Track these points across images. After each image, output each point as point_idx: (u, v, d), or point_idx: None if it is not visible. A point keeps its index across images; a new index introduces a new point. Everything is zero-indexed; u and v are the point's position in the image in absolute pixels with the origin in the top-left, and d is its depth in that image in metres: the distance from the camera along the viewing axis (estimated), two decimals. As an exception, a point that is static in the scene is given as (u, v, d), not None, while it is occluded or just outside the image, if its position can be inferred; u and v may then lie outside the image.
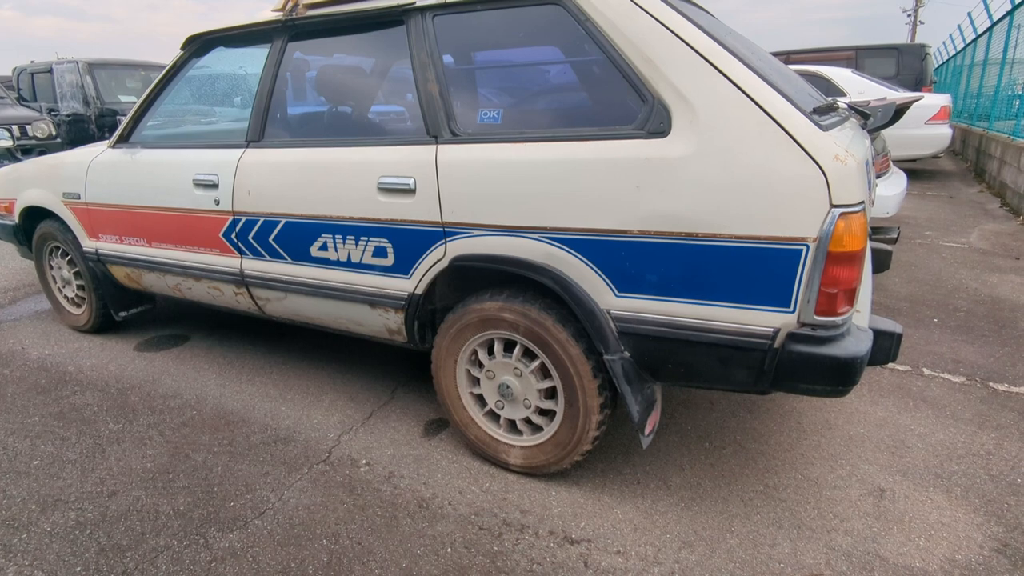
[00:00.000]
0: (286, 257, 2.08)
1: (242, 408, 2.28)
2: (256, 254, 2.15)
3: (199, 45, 2.37)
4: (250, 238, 2.14)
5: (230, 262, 2.23)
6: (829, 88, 7.33)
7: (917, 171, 8.26)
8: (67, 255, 2.91)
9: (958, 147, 10.97)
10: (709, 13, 2.10)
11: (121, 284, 2.76)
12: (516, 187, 1.58)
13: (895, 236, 2.75)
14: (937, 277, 3.69)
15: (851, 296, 1.35)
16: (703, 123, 1.38)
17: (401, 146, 1.79)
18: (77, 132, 8.45)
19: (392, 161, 1.78)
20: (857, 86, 7.30)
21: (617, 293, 1.52)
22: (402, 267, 1.83)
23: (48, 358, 2.75)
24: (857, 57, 9.98)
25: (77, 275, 2.92)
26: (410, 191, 1.74)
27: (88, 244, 2.70)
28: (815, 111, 1.52)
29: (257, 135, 2.12)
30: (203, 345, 2.88)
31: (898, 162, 7.56)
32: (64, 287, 3.03)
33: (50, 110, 9.03)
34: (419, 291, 1.82)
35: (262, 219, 2.07)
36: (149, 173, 2.38)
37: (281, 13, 2.09)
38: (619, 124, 1.51)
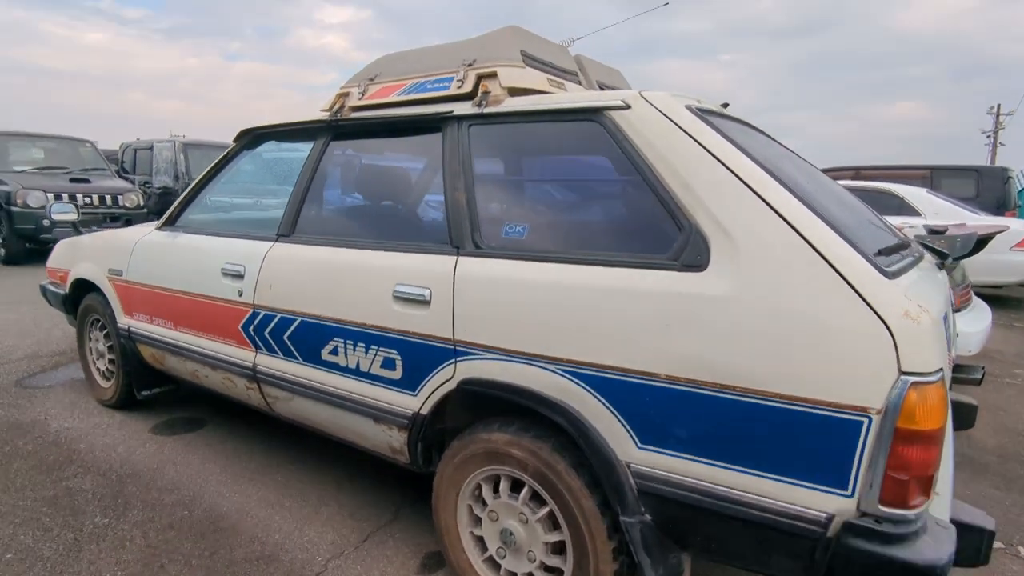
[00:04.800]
0: (298, 357, 1.98)
1: (235, 512, 2.12)
2: (270, 350, 2.06)
3: (251, 139, 2.43)
4: (266, 333, 2.06)
5: (245, 355, 2.16)
6: (902, 207, 7.03)
7: (1002, 299, 7.66)
8: (105, 329, 2.94)
9: (1049, 275, 10.21)
10: (761, 131, 1.98)
11: (147, 363, 2.74)
12: (533, 310, 1.44)
13: (980, 377, 2.41)
14: (1032, 428, 3.22)
15: (926, 484, 1.09)
16: (745, 259, 1.21)
17: (422, 254, 1.70)
18: (165, 204, 9.07)
19: (410, 269, 1.68)
20: (932, 206, 6.98)
21: (639, 444, 1.31)
22: (409, 383, 1.69)
23: (65, 432, 2.71)
24: (933, 176, 9.63)
25: (111, 349, 2.94)
26: (424, 303, 1.62)
27: (122, 321, 2.72)
28: (881, 252, 1.33)
29: (288, 229, 2.09)
30: (217, 433, 2.78)
31: (980, 290, 7.05)
32: (98, 360, 3.05)
33: (144, 183, 9.81)
34: (425, 411, 1.66)
35: (280, 315, 2.00)
36: (184, 257, 2.39)
37: (328, 113, 2.12)
38: (652, 252, 1.36)
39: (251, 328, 2.11)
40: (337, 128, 2.10)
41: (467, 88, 1.78)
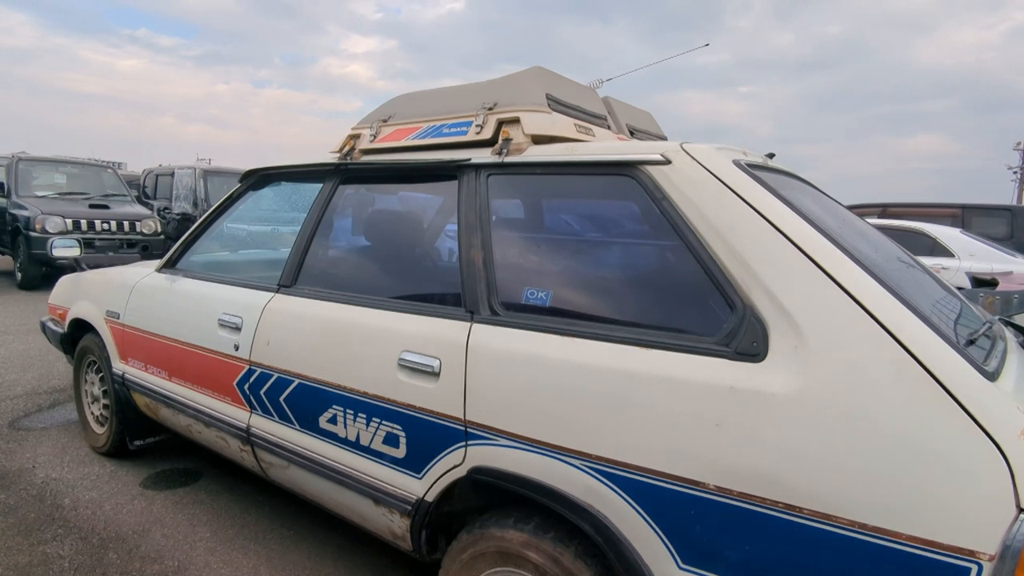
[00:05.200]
0: (294, 422, 1.80)
1: (221, 589, 1.93)
2: (265, 412, 1.89)
3: (257, 179, 2.30)
4: (262, 393, 1.89)
5: (239, 415, 1.98)
6: (934, 247, 6.76)
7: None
8: (101, 372, 2.80)
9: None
10: (810, 184, 1.79)
11: (141, 412, 2.57)
12: (557, 393, 1.25)
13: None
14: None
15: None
16: (813, 352, 1.01)
17: (432, 317, 1.52)
18: (183, 230, 9.08)
19: (418, 334, 1.51)
20: (967, 248, 6.69)
21: (680, 564, 1.10)
22: (414, 463, 1.50)
23: (51, 484, 2.55)
24: (964, 215, 9.31)
25: (105, 394, 2.79)
26: (433, 375, 1.44)
27: (118, 366, 2.57)
28: (971, 340, 1.12)
29: (290, 279, 1.93)
30: (211, 488, 2.60)
31: None
32: (93, 404, 2.90)
33: (164, 208, 9.85)
34: (430, 498, 1.46)
35: (276, 375, 1.83)
36: (182, 304, 2.24)
37: (338, 155, 1.98)
38: (698, 333, 1.17)
39: (246, 386, 1.94)
40: (346, 172, 1.95)
41: (487, 134, 1.62)
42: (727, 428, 1.05)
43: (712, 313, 1.16)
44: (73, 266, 3.13)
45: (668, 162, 1.30)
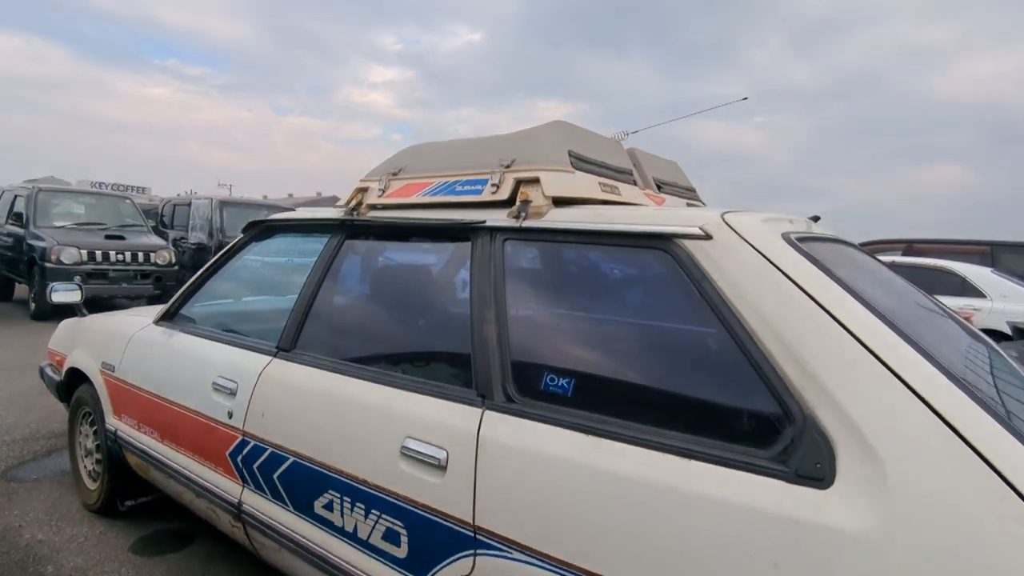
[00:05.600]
0: (288, 503, 1.64)
1: None
2: (258, 488, 1.73)
3: (259, 231, 2.18)
4: (255, 467, 1.73)
5: (231, 488, 1.83)
6: (964, 287, 6.51)
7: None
8: (95, 425, 2.67)
9: None
10: (855, 246, 1.63)
11: (133, 471, 2.43)
12: (580, 506, 1.08)
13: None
14: None
15: None
16: (893, 481, 0.84)
17: (440, 400, 1.36)
18: (199, 260, 9.08)
19: (424, 419, 1.35)
20: (999, 288, 6.42)
21: None
22: (415, 566, 1.32)
23: (36, 547, 2.39)
24: (993, 252, 9.01)
25: (99, 448, 2.65)
26: (439, 468, 1.28)
27: (111, 421, 2.44)
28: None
29: (289, 343, 1.80)
30: (203, 553, 2.43)
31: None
32: (86, 457, 2.76)
33: (180, 238, 9.88)
34: None
35: (270, 449, 1.67)
36: (177, 362, 2.11)
37: (344, 209, 1.86)
38: (748, 443, 1.00)
39: (239, 458, 1.79)
40: (352, 228, 1.82)
41: (503, 194, 1.48)
42: (786, 570, 0.87)
43: (764, 422, 0.99)
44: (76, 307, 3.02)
45: (708, 237, 1.14)
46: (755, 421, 1.01)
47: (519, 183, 1.48)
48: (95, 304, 7.62)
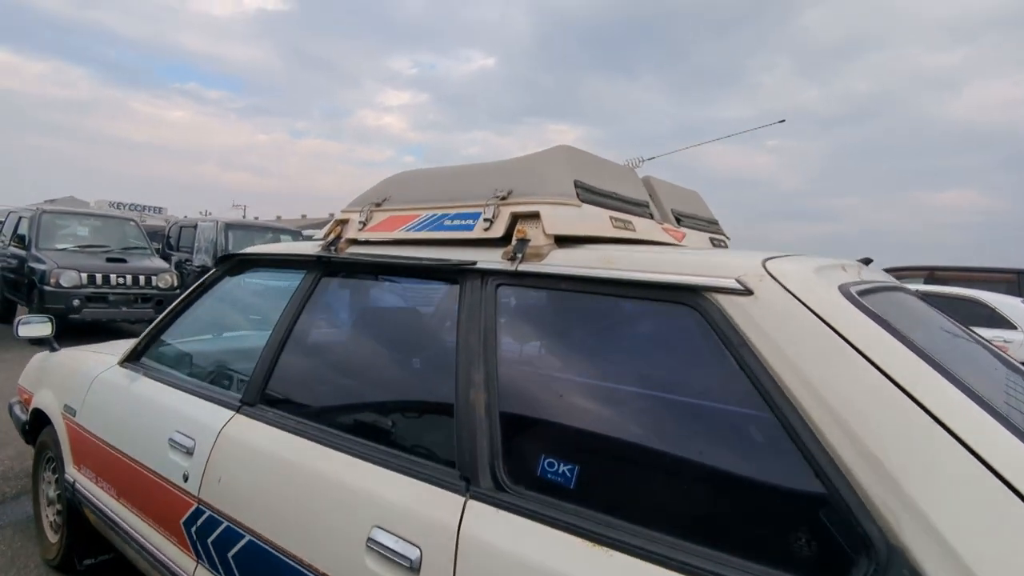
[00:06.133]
0: (243, 589, 1.40)
1: None
2: (212, 566, 1.49)
3: (232, 265, 1.97)
4: (209, 542, 1.49)
5: (184, 563, 1.58)
6: (992, 318, 6.19)
7: None
8: (58, 472, 2.44)
9: None
10: (909, 291, 1.39)
11: (92, 527, 2.20)
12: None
13: None
14: None
15: None
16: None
17: (416, 481, 1.12)
18: (203, 282, 8.94)
19: (395, 505, 1.11)
20: (1028, 318, 6.10)
21: None
22: None
23: (-18, 611, 2.16)
24: (1020, 280, 8.66)
25: (60, 498, 2.42)
26: (411, 570, 1.03)
27: (70, 471, 2.21)
28: None
29: (254, 396, 1.57)
30: (168, 622, 2.18)
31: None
32: (48, 507, 2.53)
33: (185, 260, 9.77)
34: None
35: (226, 523, 1.44)
36: (135, 411, 1.89)
37: (321, 244, 1.64)
38: (804, 572, 0.75)
39: (193, 529, 1.55)
40: (328, 266, 1.60)
41: (497, 231, 1.26)
42: None
43: (826, 540, 0.75)
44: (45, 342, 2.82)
45: (748, 292, 0.91)
46: (814, 540, 0.77)
47: (516, 218, 1.26)
48: (95, 329, 7.47)
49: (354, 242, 1.58)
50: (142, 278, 7.58)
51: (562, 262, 1.15)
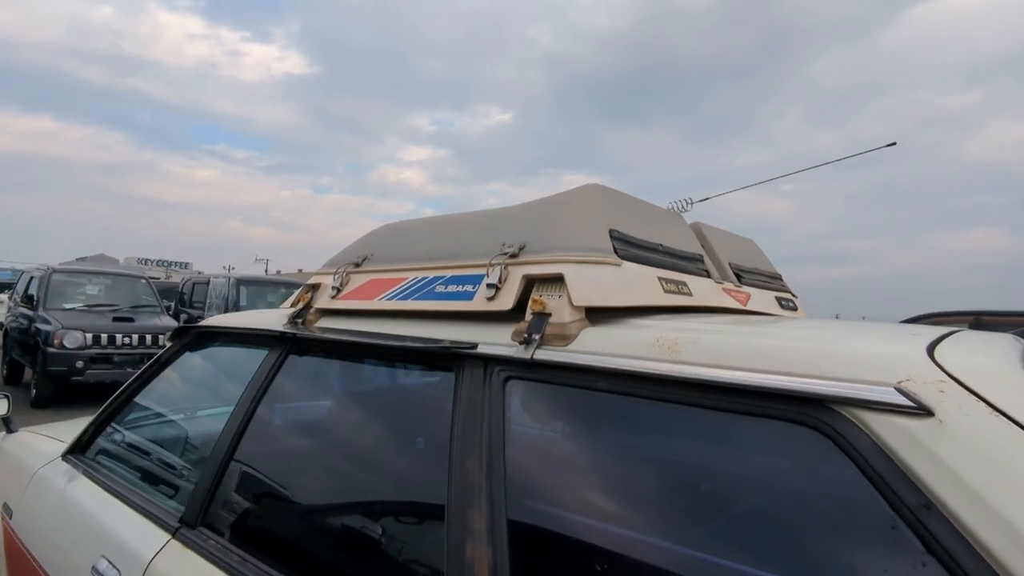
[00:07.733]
0: None
1: None
2: None
3: (190, 339, 1.63)
4: None
5: None
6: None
7: None
8: None
9: None
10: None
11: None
12: None
13: None
14: None
15: None
16: None
17: None
18: (213, 339, 8.72)
19: None
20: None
21: None
22: None
23: None
24: (1075, 325, 8.06)
25: (-3, 613, 2.04)
26: None
27: (3, 586, 1.84)
28: None
29: (194, 516, 1.20)
30: None
31: None
32: (-14, 621, 2.15)
33: (196, 317, 9.58)
34: None
35: None
36: (64, 524, 1.53)
37: (288, 315, 1.30)
38: None
39: None
40: (294, 343, 1.26)
41: (505, 302, 0.90)
42: None
43: None
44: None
45: (928, 414, 0.53)
46: None
47: (531, 283, 0.91)
48: (100, 390, 7.19)
49: (326, 312, 1.24)
50: (148, 337, 7.34)
51: (599, 349, 0.78)
